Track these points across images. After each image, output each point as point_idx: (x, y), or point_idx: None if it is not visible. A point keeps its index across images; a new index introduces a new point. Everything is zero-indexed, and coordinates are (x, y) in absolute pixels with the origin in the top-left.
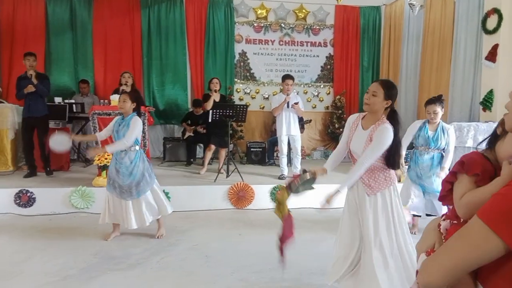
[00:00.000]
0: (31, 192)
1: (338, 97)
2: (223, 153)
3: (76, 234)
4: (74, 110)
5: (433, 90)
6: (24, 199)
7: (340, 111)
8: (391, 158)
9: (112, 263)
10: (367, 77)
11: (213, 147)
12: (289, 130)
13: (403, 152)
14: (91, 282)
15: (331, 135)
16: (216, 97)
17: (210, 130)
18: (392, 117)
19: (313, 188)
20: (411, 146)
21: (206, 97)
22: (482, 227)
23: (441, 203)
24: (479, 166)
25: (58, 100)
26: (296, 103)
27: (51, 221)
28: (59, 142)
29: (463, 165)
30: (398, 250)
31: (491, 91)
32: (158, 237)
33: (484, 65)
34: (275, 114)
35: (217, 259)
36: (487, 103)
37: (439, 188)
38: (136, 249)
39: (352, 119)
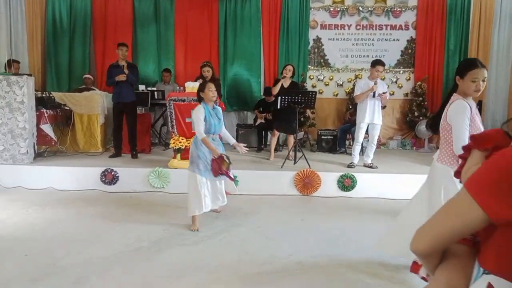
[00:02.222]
0: (115, 171)
1: (419, 83)
2: (291, 139)
3: (151, 211)
4: (156, 97)
5: None
6: (109, 177)
7: (420, 98)
8: None
9: (180, 238)
10: (453, 62)
11: (277, 133)
12: (372, 118)
13: None
14: (159, 253)
15: (409, 123)
16: (286, 83)
17: (276, 116)
18: None
19: None
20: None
21: (276, 82)
22: (466, 197)
23: None
24: (490, 141)
25: (141, 87)
26: (384, 93)
27: (131, 198)
28: None
29: (475, 140)
30: None
31: None
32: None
33: None
34: (357, 101)
35: (276, 242)
36: None
37: None
38: (202, 227)
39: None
